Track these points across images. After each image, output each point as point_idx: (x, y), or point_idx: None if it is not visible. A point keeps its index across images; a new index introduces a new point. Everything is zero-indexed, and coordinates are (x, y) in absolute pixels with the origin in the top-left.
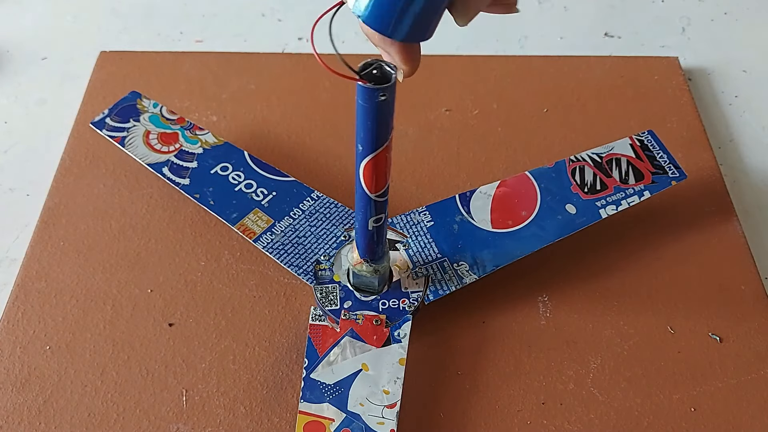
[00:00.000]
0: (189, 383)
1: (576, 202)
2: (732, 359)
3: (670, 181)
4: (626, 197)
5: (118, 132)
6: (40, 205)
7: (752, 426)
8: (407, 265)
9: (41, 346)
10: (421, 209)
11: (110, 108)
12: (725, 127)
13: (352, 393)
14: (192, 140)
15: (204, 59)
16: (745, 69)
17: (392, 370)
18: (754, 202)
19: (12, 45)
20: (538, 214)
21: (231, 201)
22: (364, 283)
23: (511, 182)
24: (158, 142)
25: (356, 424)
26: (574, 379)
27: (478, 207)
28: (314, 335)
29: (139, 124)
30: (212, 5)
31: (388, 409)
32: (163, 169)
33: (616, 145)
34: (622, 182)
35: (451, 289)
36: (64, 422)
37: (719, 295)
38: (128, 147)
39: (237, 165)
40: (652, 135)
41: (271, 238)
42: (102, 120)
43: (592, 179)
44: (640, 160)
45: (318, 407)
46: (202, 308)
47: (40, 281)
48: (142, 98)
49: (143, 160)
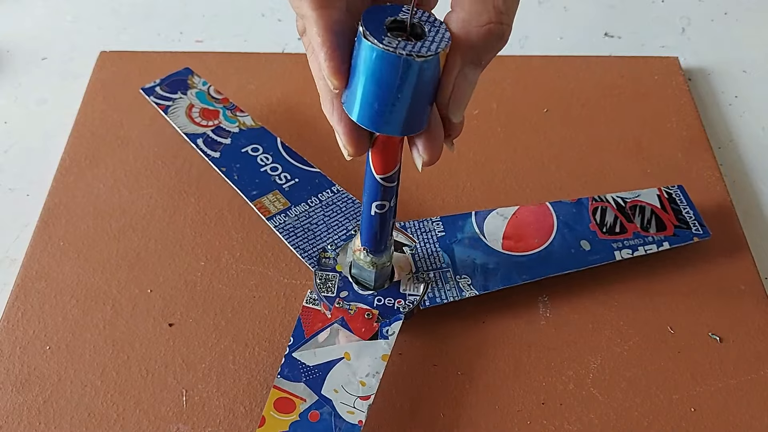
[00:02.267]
0: (189, 383)
1: (592, 240)
2: (732, 359)
3: (693, 237)
4: (644, 244)
5: (165, 101)
6: (40, 205)
7: (752, 426)
8: (410, 268)
9: (41, 346)
10: (435, 219)
11: (162, 79)
12: (725, 127)
13: (329, 378)
14: (231, 119)
15: (204, 59)
16: (745, 69)
17: (373, 363)
18: (754, 202)
19: (12, 45)
20: (551, 244)
21: (254, 179)
22: (362, 276)
23: (530, 209)
24: (199, 116)
25: (326, 409)
26: (574, 379)
27: (493, 227)
28: (305, 317)
29: (185, 97)
30: (212, 5)
31: (361, 400)
32: (197, 140)
33: (642, 193)
34: (642, 229)
35: (449, 299)
36: (64, 422)
37: (719, 295)
38: (170, 115)
39: (268, 148)
40: (681, 190)
41: (284, 219)
42: (152, 87)
43: (613, 221)
44: (665, 212)
45: (293, 386)
46: (202, 308)
47: (40, 281)
48: (193, 75)
49: (182, 129)
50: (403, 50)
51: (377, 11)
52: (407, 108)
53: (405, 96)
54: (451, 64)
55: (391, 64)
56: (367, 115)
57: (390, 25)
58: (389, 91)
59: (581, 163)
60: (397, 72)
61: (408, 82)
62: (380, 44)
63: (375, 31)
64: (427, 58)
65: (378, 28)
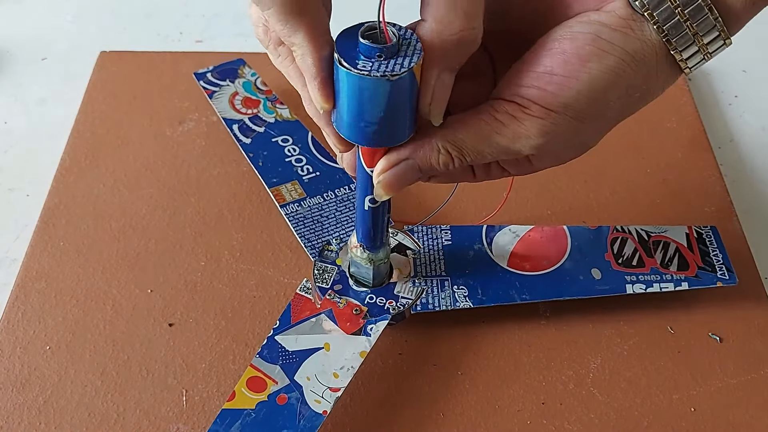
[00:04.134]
0: (189, 383)
1: (604, 269)
2: (732, 359)
3: (716, 281)
4: (661, 281)
5: (212, 86)
6: (40, 205)
7: (752, 426)
8: (409, 271)
9: (41, 346)
10: (444, 227)
11: (215, 66)
12: (725, 127)
13: (304, 365)
14: (269, 110)
15: (204, 59)
16: (745, 69)
17: (350, 358)
18: (754, 202)
19: (12, 45)
20: (560, 268)
21: (277, 168)
22: (360, 274)
23: (545, 230)
24: (241, 104)
25: (295, 395)
26: (574, 379)
27: (502, 243)
28: (295, 304)
29: (232, 85)
30: (212, 5)
31: (330, 391)
32: (233, 126)
33: (670, 229)
34: (662, 266)
35: (442, 307)
36: (64, 422)
37: (719, 295)
38: (214, 100)
39: (297, 140)
40: (714, 232)
41: (297, 209)
42: (203, 73)
43: (631, 253)
44: (691, 252)
45: (268, 367)
46: (202, 308)
47: (40, 281)
48: (244, 66)
49: (221, 115)
50: (378, 72)
51: (349, 34)
52: (392, 122)
53: (387, 112)
54: (428, 75)
55: (368, 88)
56: (355, 133)
57: (365, 33)
58: (371, 110)
59: (581, 163)
60: (374, 93)
61: (388, 100)
62: (355, 69)
63: (349, 57)
64: (401, 75)
65: (352, 52)
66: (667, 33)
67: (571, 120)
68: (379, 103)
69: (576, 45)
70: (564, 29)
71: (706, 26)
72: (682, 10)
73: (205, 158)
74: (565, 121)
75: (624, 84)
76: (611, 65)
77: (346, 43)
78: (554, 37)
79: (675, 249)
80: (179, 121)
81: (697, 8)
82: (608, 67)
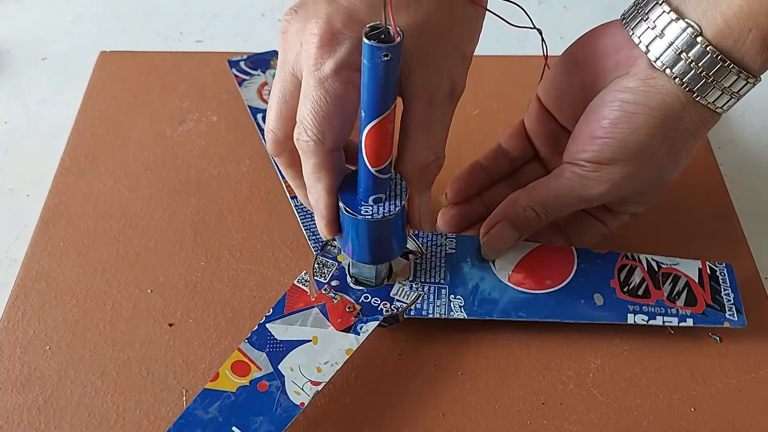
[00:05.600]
0: (189, 383)
1: (606, 296)
2: (732, 359)
3: (723, 321)
4: (665, 315)
5: (243, 75)
6: (40, 205)
7: (752, 426)
8: (408, 275)
9: (41, 346)
10: (450, 235)
11: (249, 56)
12: (725, 127)
13: (290, 356)
14: None
15: (204, 59)
16: None
17: (336, 354)
18: (754, 202)
19: (12, 45)
20: (562, 289)
21: None
22: (362, 274)
23: (552, 249)
24: (269, 94)
25: (275, 383)
26: (574, 379)
27: (506, 257)
28: (290, 294)
29: (262, 76)
30: (212, 5)
31: (311, 384)
32: (258, 115)
33: (682, 263)
34: (668, 299)
35: (436, 315)
36: (64, 422)
37: None
38: (243, 89)
39: None
40: (729, 270)
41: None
42: (237, 61)
43: (638, 282)
44: (701, 288)
45: (255, 353)
46: (202, 308)
47: (40, 281)
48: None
49: (247, 102)
50: (378, 214)
51: (348, 181)
52: (392, 243)
53: (387, 238)
54: (414, 199)
55: (370, 226)
56: (363, 256)
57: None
58: (375, 240)
59: None
60: (376, 229)
61: (387, 232)
62: (359, 215)
63: (352, 205)
64: (396, 213)
65: (353, 200)
66: (687, 84)
67: (622, 168)
68: (380, 235)
69: (609, 110)
70: (598, 100)
71: (722, 73)
72: (696, 63)
73: (205, 158)
74: (618, 170)
75: (658, 132)
76: (640, 122)
77: (347, 194)
78: (593, 108)
79: (685, 283)
80: (179, 121)
81: (710, 62)
82: (638, 124)
